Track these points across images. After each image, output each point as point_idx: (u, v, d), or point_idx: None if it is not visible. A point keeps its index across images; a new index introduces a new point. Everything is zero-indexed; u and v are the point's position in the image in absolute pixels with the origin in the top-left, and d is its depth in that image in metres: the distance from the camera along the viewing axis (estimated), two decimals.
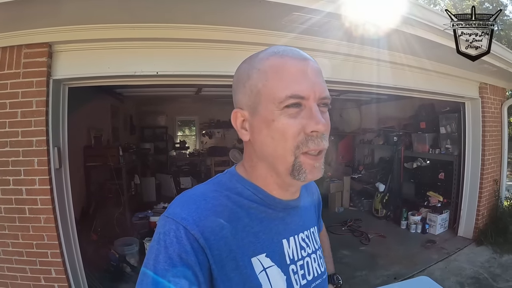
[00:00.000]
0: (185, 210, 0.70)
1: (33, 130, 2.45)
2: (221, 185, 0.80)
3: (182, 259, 0.65)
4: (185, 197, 0.76)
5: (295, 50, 0.76)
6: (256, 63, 0.75)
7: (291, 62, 0.72)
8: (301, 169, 0.73)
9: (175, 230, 0.67)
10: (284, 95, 0.70)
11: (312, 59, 0.76)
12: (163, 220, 0.71)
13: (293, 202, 0.85)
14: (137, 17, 2.30)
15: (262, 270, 0.73)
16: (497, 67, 4.05)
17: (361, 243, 5.11)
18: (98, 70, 2.58)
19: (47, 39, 2.40)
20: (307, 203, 0.95)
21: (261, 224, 0.77)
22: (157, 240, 0.68)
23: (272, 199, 0.80)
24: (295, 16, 2.33)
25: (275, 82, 0.71)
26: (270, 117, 0.72)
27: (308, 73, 0.72)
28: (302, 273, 0.82)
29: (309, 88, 0.71)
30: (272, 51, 0.75)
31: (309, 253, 0.87)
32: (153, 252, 0.68)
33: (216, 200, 0.74)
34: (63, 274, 2.59)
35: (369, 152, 7.63)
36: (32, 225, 2.52)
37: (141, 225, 4.77)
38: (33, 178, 2.48)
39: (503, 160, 5.43)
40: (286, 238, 0.82)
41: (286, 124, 0.71)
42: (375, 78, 3.47)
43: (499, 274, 3.93)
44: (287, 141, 0.71)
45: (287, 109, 0.70)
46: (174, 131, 10.00)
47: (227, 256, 0.70)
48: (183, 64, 2.71)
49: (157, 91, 6.05)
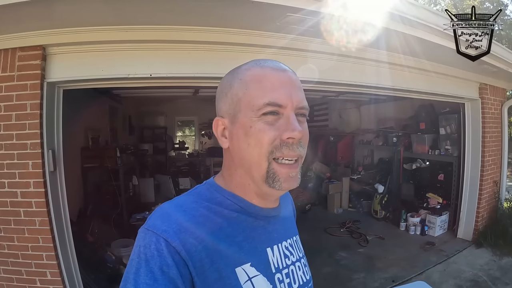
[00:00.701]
0: (165, 222, 0.69)
1: (28, 133, 2.44)
2: (201, 196, 0.80)
3: (164, 272, 0.64)
4: (164, 209, 0.75)
5: (276, 62, 0.79)
6: (239, 74, 0.78)
7: (270, 72, 0.76)
8: (275, 177, 0.73)
9: (156, 242, 0.66)
10: (262, 103, 0.72)
11: (291, 71, 0.79)
12: (143, 232, 0.70)
13: (273, 210, 0.85)
14: (130, 19, 2.29)
15: (247, 280, 0.72)
16: (497, 68, 4.03)
17: (360, 244, 5.10)
18: (92, 73, 2.57)
19: (41, 41, 2.39)
20: (287, 212, 0.95)
21: (243, 233, 0.77)
22: (138, 253, 0.67)
23: (252, 207, 0.80)
24: (290, 17, 2.31)
25: (255, 90, 0.74)
26: (248, 123, 0.73)
27: (286, 83, 0.75)
28: (288, 281, 0.82)
29: (286, 97, 0.73)
30: (254, 63, 0.79)
31: (293, 261, 0.86)
32: (133, 266, 0.66)
33: (196, 211, 0.74)
34: (59, 277, 2.58)
35: (368, 153, 7.63)
36: (27, 227, 2.51)
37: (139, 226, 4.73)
38: (28, 180, 2.47)
39: (503, 161, 5.41)
40: (270, 247, 0.81)
41: (263, 129, 0.72)
42: (374, 79, 3.46)
43: (499, 277, 3.91)
44: (262, 147, 0.72)
45: (265, 117, 0.72)
46: (173, 132, 10.01)
47: (210, 267, 0.68)
48: (177, 66, 2.70)
49: (155, 92, 6.06)
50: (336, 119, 8.05)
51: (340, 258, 4.54)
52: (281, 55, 2.73)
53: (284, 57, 2.66)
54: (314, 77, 2.93)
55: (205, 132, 9.95)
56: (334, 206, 6.83)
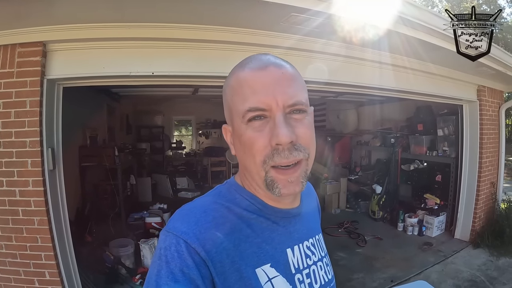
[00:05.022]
0: (185, 224, 0.70)
1: (27, 131, 2.41)
2: (221, 196, 0.79)
3: (184, 273, 0.64)
4: (185, 211, 0.75)
5: (259, 58, 0.74)
6: (228, 79, 0.76)
7: (250, 73, 0.71)
8: (274, 184, 0.71)
9: (176, 244, 0.66)
10: (244, 109, 0.69)
11: (279, 64, 0.73)
12: (164, 235, 0.70)
13: (294, 210, 0.83)
14: (132, 16, 2.26)
15: (267, 281, 0.72)
16: (495, 70, 4.05)
17: (358, 245, 5.10)
18: (93, 70, 2.54)
19: (42, 38, 2.35)
20: (310, 209, 0.93)
21: (263, 235, 0.76)
22: (158, 256, 0.67)
23: (269, 208, 0.79)
24: (294, 17, 2.30)
25: (237, 96, 0.71)
26: (239, 132, 0.72)
27: (269, 82, 0.69)
28: (308, 281, 0.81)
29: (268, 98, 0.68)
30: (239, 65, 0.75)
31: (315, 261, 0.85)
32: (155, 267, 0.66)
33: (216, 212, 0.74)
34: (57, 277, 2.55)
35: (366, 153, 7.65)
36: (26, 227, 2.47)
37: (137, 226, 4.74)
38: (26, 179, 2.44)
39: (500, 163, 5.44)
40: (290, 247, 0.80)
41: (252, 138, 0.69)
42: (376, 80, 3.46)
43: (496, 277, 3.93)
44: (255, 156, 0.70)
45: (251, 123, 0.69)
46: (170, 131, 9.99)
47: (230, 268, 0.68)
48: (180, 65, 2.67)
49: (154, 91, 6.03)
50: (334, 120, 8.05)
51: (338, 258, 4.54)
52: (285, 55, 2.71)
53: (288, 58, 2.65)
54: (319, 78, 2.92)
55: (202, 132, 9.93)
56: (332, 206, 6.83)
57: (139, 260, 3.94)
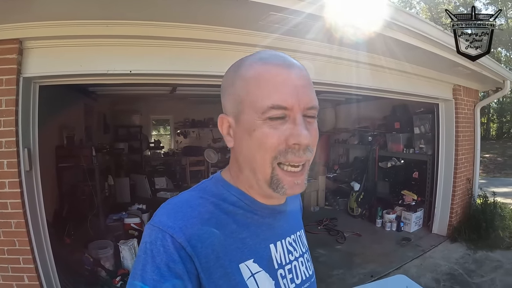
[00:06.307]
0: (171, 218, 0.69)
1: (2, 131, 2.33)
2: (207, 191, 0.79)
3: (170, 268, 0.64)
4: (170, 205, 0.74)
5: (281, 56, 0.74)
6: (241, 70, 0.74)
7: (274, 70, 0.70)
8: (279, 184, 0.72)
9: (162, 239, 0.66)
10: (266, 106, 0.68)
11: (299, 66, 0.74)
12: (149, 229, 0.70)
13: (279, 207, 0.84)
14: (111, 13, 2.22)
15: (250, 276, 0.73)
16: (470, 70, 4.18)
17: (337, 242, 5.17)
18: (70, 68, 2.47)
19: (18, 35, 2.28)
20: (293, 207, 0.94)
21: (248, 230, 0.77)
22: (144, 250, 0.67)
23: (258, 204, 0.79)
24: (273, 16, 2.31)
25: (257, 91, 0.69)
26: (252, 126, 0.70)
27: (292, 81, 0.70)
28: (290, 277, 0.82)
29: (292, 98, 0.68)
30: (257, 57, 0.74)
31: (297, 257, 0.87)
32: (140, 262, 0.66)
33: (202, 207, 0.73)
34: (36, 281, 2.49)
35: (344, 151, 7.75)
36: (3, 230, 2.41)
37: (116, 227, 4.65)
38: (2, 180, 2.37)
39: (475, 159, 5.63)
40: (273, 243, 0.81)
41: (267, 133, 0.69)
42: (354, 79, 3.51)
43: (474, 270, 4.06)
44: (267, 152, 0.69)
45: (270, 121, 0.68)
46: (148, 131, 9.85)
47: (215, 263, 0.69)
48: (158, 63, 2.65)
49: (131, 89, 5.90)
50: None
51: (318, 255, 4.59)
52: None
53: None
54: None
55: (180, 131, 9.84)
56: (310, 204, 6.89)
57: (119, 262, 3.87)
